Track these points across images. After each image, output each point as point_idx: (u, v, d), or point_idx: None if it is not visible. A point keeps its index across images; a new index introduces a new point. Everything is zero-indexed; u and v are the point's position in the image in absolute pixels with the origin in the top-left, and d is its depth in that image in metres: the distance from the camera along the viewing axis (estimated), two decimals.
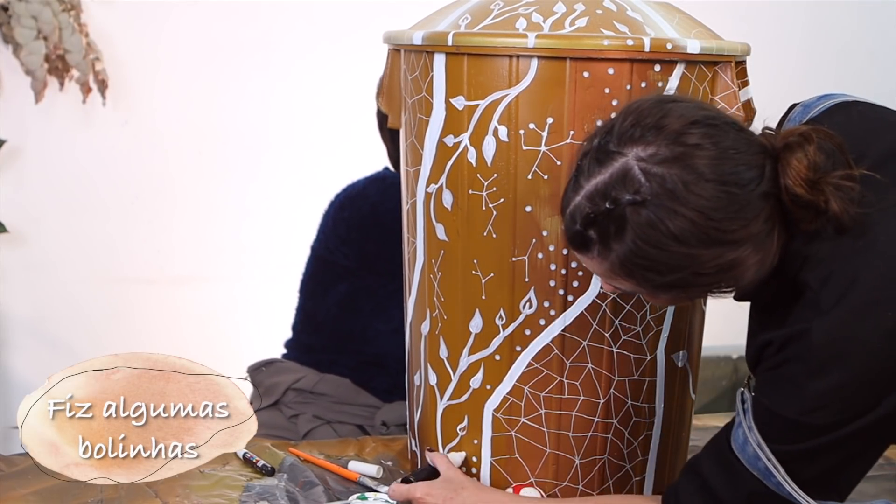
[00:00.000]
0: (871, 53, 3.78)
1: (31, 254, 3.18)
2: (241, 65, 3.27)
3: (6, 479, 1.73)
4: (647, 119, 1.35)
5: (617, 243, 1.35)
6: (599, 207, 1.34)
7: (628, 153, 1.33)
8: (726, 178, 1.32)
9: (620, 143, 1.34)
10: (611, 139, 1.36)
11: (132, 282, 3.26)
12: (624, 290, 1.44)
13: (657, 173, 1.31)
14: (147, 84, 3.20)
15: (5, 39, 3.03)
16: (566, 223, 1.40)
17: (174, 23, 3.20)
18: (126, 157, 3.22)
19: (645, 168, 1.32)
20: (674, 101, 1.38)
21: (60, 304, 3.23)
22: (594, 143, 1.38)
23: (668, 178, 1.31)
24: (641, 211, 1.32)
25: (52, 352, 3.24)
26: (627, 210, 1.32)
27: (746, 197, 1.32)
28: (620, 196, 1.32)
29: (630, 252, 1.34)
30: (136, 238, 3.25)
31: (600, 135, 1.38)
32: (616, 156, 1.34)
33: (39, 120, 3.11)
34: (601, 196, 1.34)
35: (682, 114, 1.35)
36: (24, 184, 3.15)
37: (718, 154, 1.32)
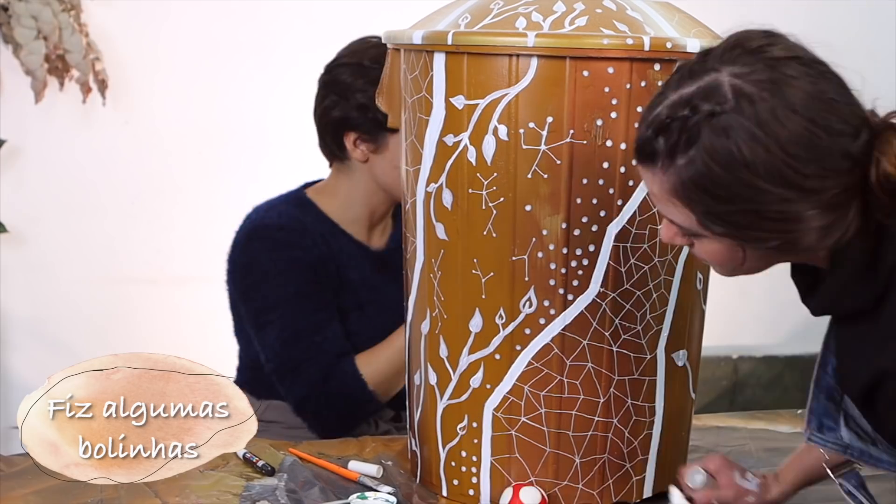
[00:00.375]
0: (871, 53, 3.78)
1: (31, 254, 3.18)
2: (241, 64, 3.27)
3: (6, 479, 1.73)
4: (750, 43, 1.30)
5: (683, 157, 1.26)
6: (676, 114, 1.27)
7: (722, 70, 1.27)
8: (816, 120, 1.24)
9: (717, 61, 1.28)
10: (708, 58, 1.30)
11: (132, 282, 3.26)
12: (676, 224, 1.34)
13: (747, 92, 1.25)
14: (147, 84, 3.20)
15: (5, 39, 3.03)
16: (638, 132, 1.32)
17: (174, 22, 3.21)
18: (126, 158, 3.22)
19: (735, 84, 1.25)
20: (783, 36, 1.33)
21: (60, 304, 3.23)
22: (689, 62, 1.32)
23: (757, 99, 1.24)
24: (718, 125, 1.24)
25: (52, 352, 3.24)
26: (704, 122, 1.25)
27: (831, 147, 1.25)
28: (701, 105, 1.25)
29: (694, 169, 1.26)
30: (136, 238, 3.25)
31: (699, 55, 1.32)
32: (710, 71, 1.28)
33: (39, 120, 3.11)
34: (682, 104, 1.27)
35: (789, 46, 1.30)
36: (24, 184, 3.15)
37: (815, 94, 1.26)
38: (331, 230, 2.09)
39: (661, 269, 1.63)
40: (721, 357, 3.84)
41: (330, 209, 2.10)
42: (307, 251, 2.03)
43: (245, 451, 1.82)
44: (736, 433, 2.05)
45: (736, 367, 3.87)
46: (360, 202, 2.10)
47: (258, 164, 3.22)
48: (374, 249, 2.13)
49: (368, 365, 2.00)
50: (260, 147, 3.29)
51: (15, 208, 3.13)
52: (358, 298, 2.08)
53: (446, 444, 1.72)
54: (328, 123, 2.07)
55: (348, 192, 2.10)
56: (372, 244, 2.13)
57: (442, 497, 1.74)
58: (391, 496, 1.67)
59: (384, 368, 2.00)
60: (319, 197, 2.12)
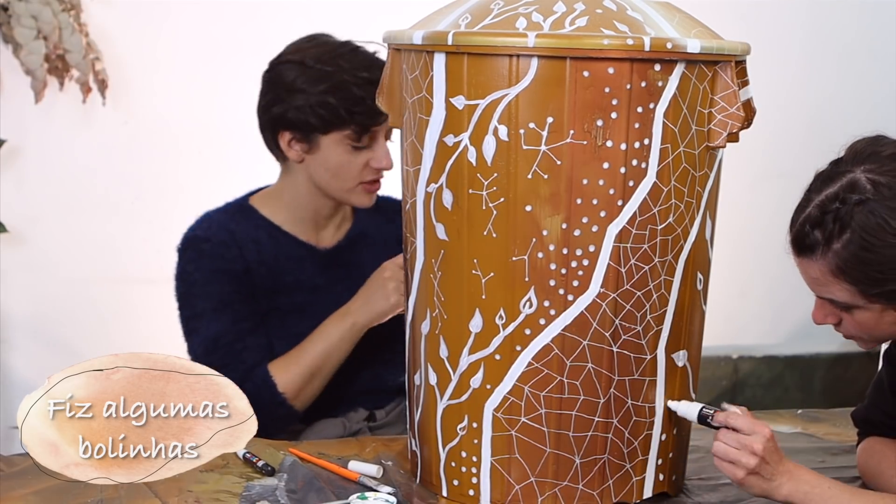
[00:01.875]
0: (871, 53, 3.78)
1: (31, 254, 3.18)
2: (241, 64, 3.26)
3: (6, 479, 1.73)
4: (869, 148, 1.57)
5: (839, 241, 1.53)
6: (827, 208, 1.53)
7: (856, 169, 1.54)
8: None
9: (849, 164, 1.56)
10: (840, 164, 1.57)
11: (132, 282, 3.26)
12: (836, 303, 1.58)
13: (882, 181, 1.52)
14: (147, 84, 3.20)
15: (5, 39, 3.03)
16: (794, 232, 1.59)
17: (174, 22, 3.20)
18: (126, 158, 3.22)
19: (871, 177, 1.53)
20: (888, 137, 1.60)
21: (60, 304, 3.22)
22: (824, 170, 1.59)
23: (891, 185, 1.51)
24: (865, 209, 1.51)
25: (52, 352, 3.24)
26: (854, 209, 1.51)
27: None
28: (848, 197, 1.52)
29: (852, 246, 1.51)
30: (136, 238, 3.25)
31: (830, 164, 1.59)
32: (845, 173, 1.55)
33: (39, 120, 3.11)
34: (830, 200, 1.54)
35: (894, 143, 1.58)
36: (24, 184, 3.15)
37: None
38: (269, 234, 2.10)
39: (661, 269, 1.63)
40: (721, 357, 3.84)
41: (273, 212, 2.12)
42: (232, 262, 2.05)
43: (245, 451, 1.82)
44: None
45: (736, 367, 3.86)
46: (302, 203, 2.11)
47: (258, 164, 3.21)
48: (322, 248, 2.14)
49: (280, 371, 2.02)
50: (259, 147, 3.27)
51: (15, 208, 3.13)
52: (295, 300, 2.10)
53: (446, 444, 1.72)
54: (266, 122, 2.09)
55: (291, 192, 2.11)
56: (321, 243, 2.14)
57: (442, 497, 1.74)
58: (391, 496, 1.67)
59: (296, 373, 2.02)
60: (262, 202, 2.13)
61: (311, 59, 2.02)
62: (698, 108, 1.61)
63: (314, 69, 2.00)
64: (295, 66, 2.03)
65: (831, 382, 3.96)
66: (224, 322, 2.03)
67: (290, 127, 2.04)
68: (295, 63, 2.03)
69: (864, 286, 1.54)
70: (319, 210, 2.11)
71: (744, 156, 2.51)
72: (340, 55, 2.02)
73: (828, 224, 1.54)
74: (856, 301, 1.57)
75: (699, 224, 1.67)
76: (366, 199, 2.07)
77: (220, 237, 2.06)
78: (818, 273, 1.57)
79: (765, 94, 2.10)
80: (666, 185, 1.61)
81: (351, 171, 2.03)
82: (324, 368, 2.03)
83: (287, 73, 2.04)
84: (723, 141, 1.64)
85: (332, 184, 2.05)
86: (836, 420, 2.16)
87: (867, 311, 1.58)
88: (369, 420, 2.14)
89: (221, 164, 3.26)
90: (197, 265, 2.06)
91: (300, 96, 2.01)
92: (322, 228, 2.14)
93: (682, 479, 1.80)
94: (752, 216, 3.73)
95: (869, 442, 1.79)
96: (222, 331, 2.03)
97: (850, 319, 1.61)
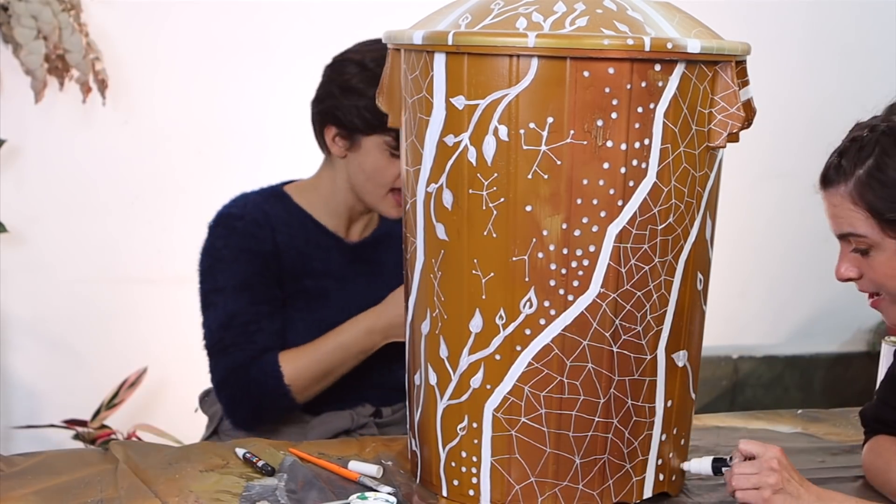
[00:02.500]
0: (872, 53, 3.78)
1: (31, 254, 3.18)
2: (241, 64, 3.27)
3: (6, 479, 1.73)
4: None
5: (861, 167, 1.55)
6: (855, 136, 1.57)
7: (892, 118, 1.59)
8: None
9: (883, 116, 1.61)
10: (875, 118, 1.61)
11: (132, 282, 3.26)
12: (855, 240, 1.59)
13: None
14: (147, 84, 3.20)
15: (5, 39, 3.03)
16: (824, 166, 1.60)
17: (174, 22, 3.20)
18: (126, 157, 3.22)
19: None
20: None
21: (60, 304, 3.23)
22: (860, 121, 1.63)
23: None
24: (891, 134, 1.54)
25: (52, 352, 3.24)
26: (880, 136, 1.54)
27: None
28: (877, 125, 1.56)
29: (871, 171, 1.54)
30: (136, 238, 3.25)
31: None
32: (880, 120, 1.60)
33: (39, 120, 3.11)
34: (859, 129, 1.58)
35: None
36: (24, 184, 3.15)
37: None
38: (300, 220, 2.13)
39: (661, 269, 1.63)
40: (721, 357, 3.84)
41: (306, 202, 2.15)
42: (261, 242, 2.08)
43: (245, 451, 1.82)
44: (736, 433, 2.05)
45: (736, 367, 3.87)
46: (338, 198, 2.14)
47: (258, 164, 3.22)
48: (350, 242, 2.17)
49: (290, 362, 2.03)
50: (260, 147, 3.29)
51: (15, 208, 3.13)
52: (323, 285, 2.12)
53: (446, 444, 1.72)
54: (316, 114, 2.12)
55: (329, 186, 2.14)
56: (349, 237, 2.17)
57: (442, 497, 1.74)
58: (391, 496, 1.67)
59: (304, 369, 2.03)
60: (297, 192, 2.17)
61: (370, 60, 2.04)
62: (698, 109, 1.61)
63: (371, 71, 2.02)
64: (354, 66, 2.06)
65: (831, 382, 3.97)
66: (243, 301, 2.05)
67: (336, 123, 2.07)
68: (355, 62, 2.06)
69: (882, 212, 1.55)
70: (354, 206, 2.14)
71: (744, 156, 2.51)
72: None
73: (853, 151, 1.57)
74: (873, 234, 1.57)
75: (699, 224, 1.67)
76: (394, 210, 2.10)
77: (254, 216, 2.10)
78: (839, 201, 1.59)
79: (765, 94, 2.10)
80: (666, 186, 1.61)
81: (385, 177, 2.06)
82: (333, 369, 2.05)
83: (345, 70, 2.07)
84: (723, 141, 1.64)
85: (365, 186, 2.08)
86: (836, 420, 2.16)
87: (884, 253, 1.58)
88: (376, 416, 2.15)
89: (221, 164, 3.26)
90: (227, 241, 2.09)
91: (352, 96, 2.04)
92: (352, 224, 2.18)
93: (682, 479, 1.80)
94: (752, 216, 3.74)
95: (877, 440, 1.79)
96: (240, 310, 2.04)
97: (870, 269, 1.61)
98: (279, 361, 2.03)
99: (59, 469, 1.77)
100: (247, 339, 2.03)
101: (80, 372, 3.22)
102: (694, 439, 1.85)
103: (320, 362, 2.04)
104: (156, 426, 3.08)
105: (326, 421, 2.11)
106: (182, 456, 1.84)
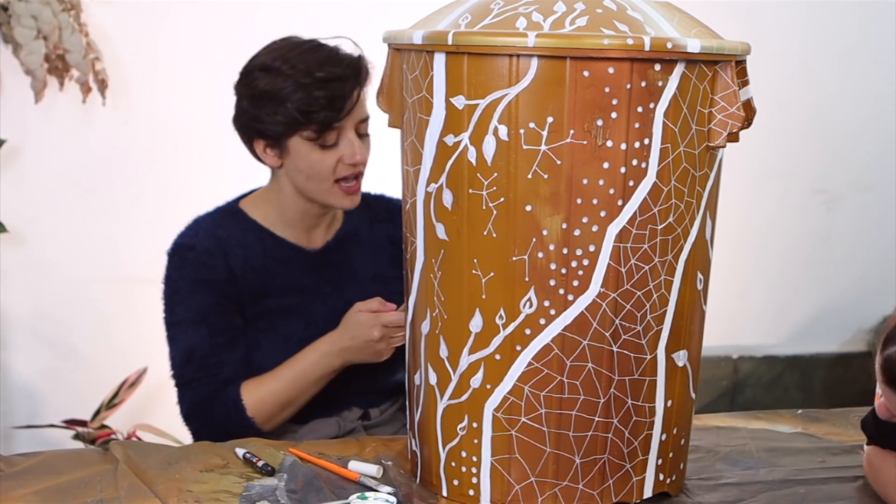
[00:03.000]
0: (872, 53, 3.78)
1: (31, 254, 3.18)
2: (241, 64, 3.26)
3: (6, 479, 1.73)
4: None
5: None
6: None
7: None
8: None
9: None
10: None
11: (132, 282, 3.25)
12: None
13: None
14: (147, 84, 3.20)
15: (5, 39, 3.03)
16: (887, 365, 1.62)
17: (173, 22, 3.21)
18: (126, 157, 3.22)
19: None
20: None
21: (60, 304, 3.23)
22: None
23: None
24: None
25: (52, 352, 3.24)
26: None
27: None
28: None
29: None
30: (136, 238, 3.25)
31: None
32: None
33: (39, 120, 3.11)
34: None
35: None
36: (24, 184, 3.15)
37: None
38: (258, 237, 2.10)
39: (661, 269, 1.63)
40: (721, 357, 3.84)
41: (262, 216, 2.12)
42: (214, 271, 2.06)
43: (245, 451, 1.82)
44: (736, 433, 2.05)
45: (736, 367, 3.87)
46: (289, 205, 2.10)
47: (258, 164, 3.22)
48: (312, 250, 2.14)
49: (251, 393, 2.02)
50: None
51: (15, 208, 3.13)
52: (284, 303, 2.10)
53: (446, 444, 1.72)
54: (239, 131, 2.10)
55: (278, 196, 2.11)
56: (311, 244, 2.14)
57: (442, 497, 1.74)
58: (391, 496, 1.67)
59: (266, 400, 2.02)
60: (252, 205, 2.14)
61: (273, 60, 2.02)
62: (698, 108, 1.61)
63: (276, 70, 2.00)
64: (258, 71, 2.03)
65: (831, 382, 3.97)
66: (201, 335, 2.04)
67: (260, 135, 2.05)
68: (258, 67, 2.04)
69: None
70: (307, 211, 2.11)
71: (744, 156, 2.52)
72: (296, 55, 2.01)
73: None
74: None
75: (699, 224, 1.67)
76: (345, 200, 2.06)
77: (206, 244, 2.07)
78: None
79: (765, 94, 2.10)
80: (666, 185, 1.61)
81: (323, 171, 2.02)
82: (296, 397, 2.04)
83: (251, 79, 2.04)
84: (723, 141, 1.64)
85: (308, 185, 2.05)
86: (836, 420, 2.16)
87: None
88: (363, 419, 2.14)
89: (221, 164, 3.25)
90: (181, 273, 2.08)
91: (263, 102, 2.01)
92: (312, 230, 2.14)
93: (682, 479, 1.80)
94: (752, 216, 3.74)
95: (871, 450, 1.79)
96: (198, 344, 2.03)
97: None
98: (241, 394, 2.01)
99: (59, 469, 1.77)
100: (207, 373, 2.02)
101: (80, 372, 3.22)
102: (694, 439, 1.85)
103: (282, 391, 2.02)
104: (156, 426, 3.07)
105: (314, 429, 2.10)
106: (182, 456, 1.84)
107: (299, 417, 2.09)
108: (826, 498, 1.74)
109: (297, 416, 2.08)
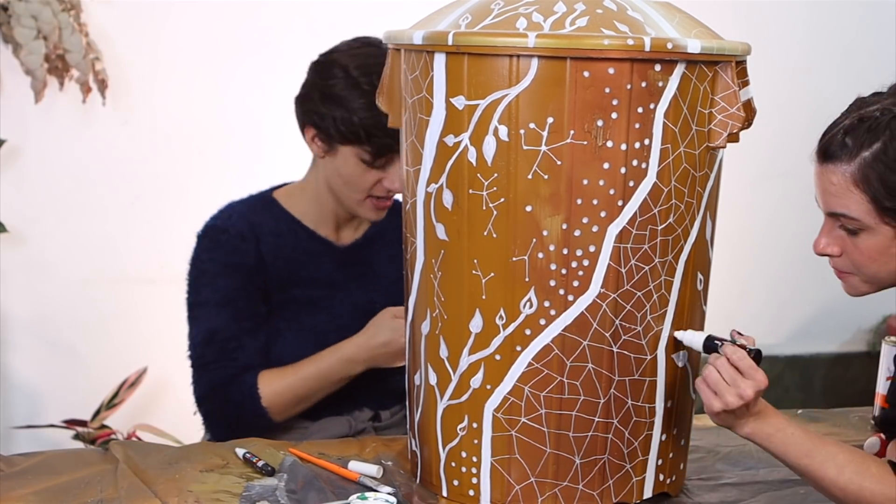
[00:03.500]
0: (872, 53, 3.78)
1: (31, 254, 3.18)
2: (241, 64, 3.27)
3: (6, 479, 1.73)
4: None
5: (868, 149, 1.53)
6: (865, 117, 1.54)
7: None
8: None
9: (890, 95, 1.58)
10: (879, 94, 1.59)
11: (132, 282, 3.26)
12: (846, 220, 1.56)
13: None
14: (147, 84, 3.20)
15: (5, 39, 3.03)
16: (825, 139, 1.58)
17: (174, 22, 3.21)
18: (126, 157, 3.22)
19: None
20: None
21: (60, 304, 3.23)
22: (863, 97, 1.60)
23: None
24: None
25: (52, 352, 3.24)
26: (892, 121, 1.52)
27: None
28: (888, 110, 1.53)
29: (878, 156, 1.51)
30: (136, 238, 3.25)
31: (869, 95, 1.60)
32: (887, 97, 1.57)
33: (39, 120, 3.11)
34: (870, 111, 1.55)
35: None
36: (24, 184, 3.15)
37: None
38: (289, 228, 2.12)
39: (661, 269, 1.63)
40: None
41: (295, 207, 2.13)
42: (245, 256, 2.07)
43: (245, 451, 1.82)
44: None
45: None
46: (324, 200, 2.12)
47: (258, 164, 3.22)
48: (341, 246, 2.15)
49: (269, 384, 2.03)
50: (260, 147, 3.28)
51: (15, 208, 3.13)
52: (310, 294, 2.11)
53: (446, 444, 1.72)
54: (298, 112, 2.10)
55: (315, 188, 2.12)
56: (340, 241, 2.16)
57: (442, 497, 1.74)
58: (391, 496, 1.66)
59: (283, 392, 2.03)
60: (286, 196, 2.15)
61: (355, 68, 2.01)
62: (699, 109, 1.61)
63: (354, 80, 2.00)
64: (339, 70, 2.02)
65: (831, 382, 3.97)
66: (224, 317, 2.04)
67: (315, 125, 2.06)
68: (340, 67, 2.03)
69: (881, 199, 1.52)
70: (338, 209, 2.13)
71: (744, 156, 2.51)
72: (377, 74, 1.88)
73: (861, 131, 1.53)
74: (868, 219, 1.55)
75: (699, 224, 1.67)
76: (373, 213, 2.09)
77: (239, 228, 2.08)
78: (839, 180, 1.55)
79: (765, 94, 2.10)
80: (666, 186, 1.61)
81: (361, 185, 2.05)
82: (312, 395, 2.05)
83: (330, 74, 2.03)
84: (723, 141, 1.64)
85: (342, 190, 2.07)
86: (836, 420, 2.16)
87: (875, 237, 1.56)
88: (374, 420, 2.15)
89: (221, 164, 3.26)
90: (211, 255, 2.08)
91: (332, 105, 2.02)
92: (342, 226, 2.16)
93: (682, 479, 1.80)
94: (752, 216, 3.74)
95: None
96: (221, 326, 2.04)
97: (854, 247, 1.58)
98: (258, 383, 2.02)
99: (59, 469, 1.77)
100: (227, 356, 2.03)
101: (80, 372, 3.22)
102: (694, 439, 1.85)
103: (299, 387, 2.03)
104: (156, 426, 3.08)
105: (325, 427, 2.10)
106: (182, 456, 1.84)
107: (310, 413, 2.09)
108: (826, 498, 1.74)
109: (309, 411, 2.09)
